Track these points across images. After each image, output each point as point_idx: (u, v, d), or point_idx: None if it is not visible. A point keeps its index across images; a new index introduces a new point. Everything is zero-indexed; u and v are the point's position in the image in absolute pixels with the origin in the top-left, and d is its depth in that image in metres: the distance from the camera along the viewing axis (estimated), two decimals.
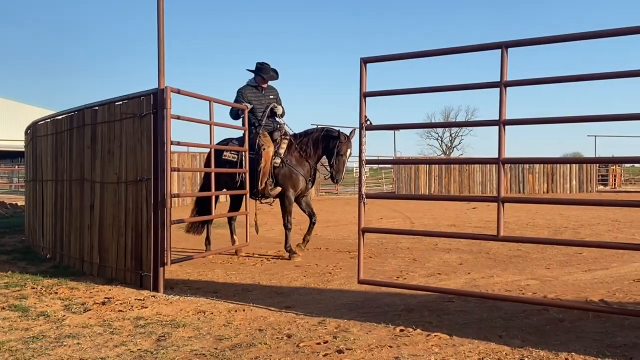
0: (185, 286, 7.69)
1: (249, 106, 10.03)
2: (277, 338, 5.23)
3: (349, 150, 10.04)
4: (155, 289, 7.31)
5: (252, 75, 10.47)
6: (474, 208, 20.69)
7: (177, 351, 4.90)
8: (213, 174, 9.06)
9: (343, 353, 4.76)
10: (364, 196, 6.13)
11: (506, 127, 5.41)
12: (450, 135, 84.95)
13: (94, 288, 7.51)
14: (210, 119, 8.66)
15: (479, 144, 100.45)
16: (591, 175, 33.02)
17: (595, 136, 38.08)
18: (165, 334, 5.42)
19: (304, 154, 10.22)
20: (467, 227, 14.70)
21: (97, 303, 6.68)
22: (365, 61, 6.09)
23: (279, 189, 10.08)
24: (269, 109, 10.27)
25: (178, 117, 7.72)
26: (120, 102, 8.06)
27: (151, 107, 7.43)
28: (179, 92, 7.66)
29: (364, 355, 4.71)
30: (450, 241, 11.39)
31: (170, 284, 7.67)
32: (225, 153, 10.04)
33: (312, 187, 10.62)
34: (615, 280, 7.84)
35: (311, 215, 10.45)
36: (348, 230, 13.69)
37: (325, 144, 10.14)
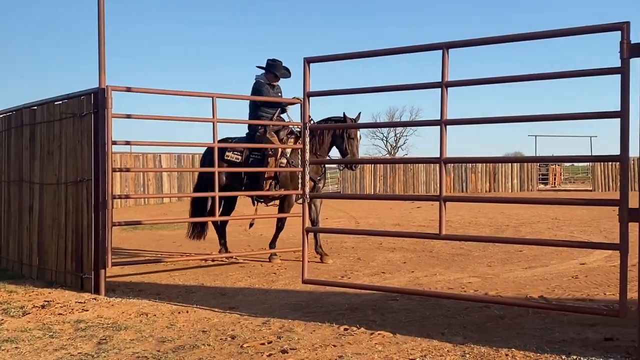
0: (128, 288, 7.58)
1: (301, 99, 9.46)
2: (220, 339, 5.19)
3: (359, 133, 9.67)
4: (97, 291, 7.17)
5: (261, 71, 9.92)
6: (418, 207, 20.89)
7: (118, 354, 4.82)
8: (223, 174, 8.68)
9: (287, 353, 4.75)
10: (308, 196, 6.12)
11: (448, 127, 5.47)
12: (395, 135, 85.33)
13: (33, 291, 7.34)
14: (213, 116, 8.28)
15: (423, 144, 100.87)
16: (532, 174, 33.70)
17: (535, 136, 39.00)
18: (106, 337, 5.32)
19: (312, 149, 9.32)
20: (411, 226, 14.84)
21: (37, 306, 6.52)
22: (308, 61, 6.08)
23: (282, 190, 9.58)
24: (279, 109, 9.76)
25: (128, 116, 7.73)
26: (60, 102, 7.91)
27: (92, 106, 7.29)
28: (129, 90, 7.63)
29: (308, 355, 4.71)
30: (394, 240, 11.47)
31: (112, 286, 7.53)
32: (227, 153, 9.48)
33: (322, 185, 10.11)
34: (554, 277, 8.00)
35: (314, 222, 9.64)
36: (293, 230, 13.58)
37: (332, 132, 9.59)
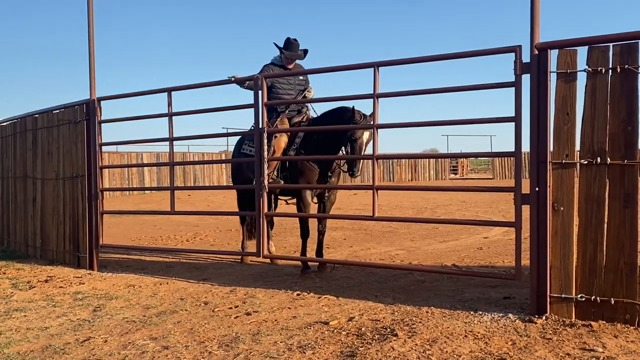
0: (117, 265, 7.45)
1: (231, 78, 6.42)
2: (196, 305, 5.14)
3: (366, 133, 6.25)
4: (91, 267, 7.06)
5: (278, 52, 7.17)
6: (355, 194, 20.95)
7: (111, 319, 4.74)
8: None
9: (251, 315, 4.74)
10: (266, 187, 6.09)
11: (379, 129, 5.52)
12: None
13: (37, 268, 7.16)
14: (168, 110, 6.63)
15: None
16: (445, 166, 34.11)
17: (447, 135, 39.64)
18: (100, 305, 5.22)
19: (317, 145, 6.67)
20: (350, 209, 14.90)
21: (41, 281, 6.36)
22: (265, 77, 6.06)
23: (281, 182, 6.76)
24: (302, 94, 7.18)
25: (114, 120, 7.41)
26: (58, 111, 7.75)
27: (84, 115, 7.20)
28: (115, 97, 7.36)
29: (267, 316, 4.70)
30: (336, 221, 11.49)
31: (103, 263, 7.39)
32: (243, 146, 7.28)
33: (337, 182, 6.96)
34: (463, 248, 8.15)
35: (320, 221, 6.88)
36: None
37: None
